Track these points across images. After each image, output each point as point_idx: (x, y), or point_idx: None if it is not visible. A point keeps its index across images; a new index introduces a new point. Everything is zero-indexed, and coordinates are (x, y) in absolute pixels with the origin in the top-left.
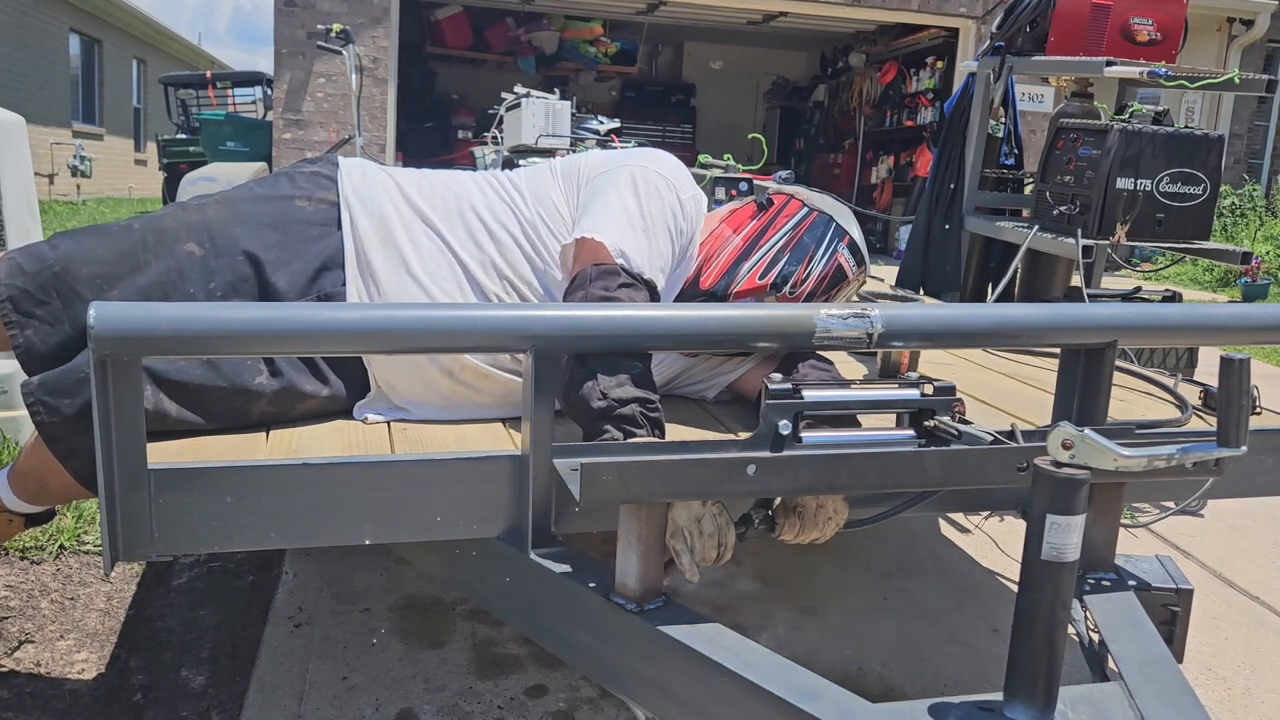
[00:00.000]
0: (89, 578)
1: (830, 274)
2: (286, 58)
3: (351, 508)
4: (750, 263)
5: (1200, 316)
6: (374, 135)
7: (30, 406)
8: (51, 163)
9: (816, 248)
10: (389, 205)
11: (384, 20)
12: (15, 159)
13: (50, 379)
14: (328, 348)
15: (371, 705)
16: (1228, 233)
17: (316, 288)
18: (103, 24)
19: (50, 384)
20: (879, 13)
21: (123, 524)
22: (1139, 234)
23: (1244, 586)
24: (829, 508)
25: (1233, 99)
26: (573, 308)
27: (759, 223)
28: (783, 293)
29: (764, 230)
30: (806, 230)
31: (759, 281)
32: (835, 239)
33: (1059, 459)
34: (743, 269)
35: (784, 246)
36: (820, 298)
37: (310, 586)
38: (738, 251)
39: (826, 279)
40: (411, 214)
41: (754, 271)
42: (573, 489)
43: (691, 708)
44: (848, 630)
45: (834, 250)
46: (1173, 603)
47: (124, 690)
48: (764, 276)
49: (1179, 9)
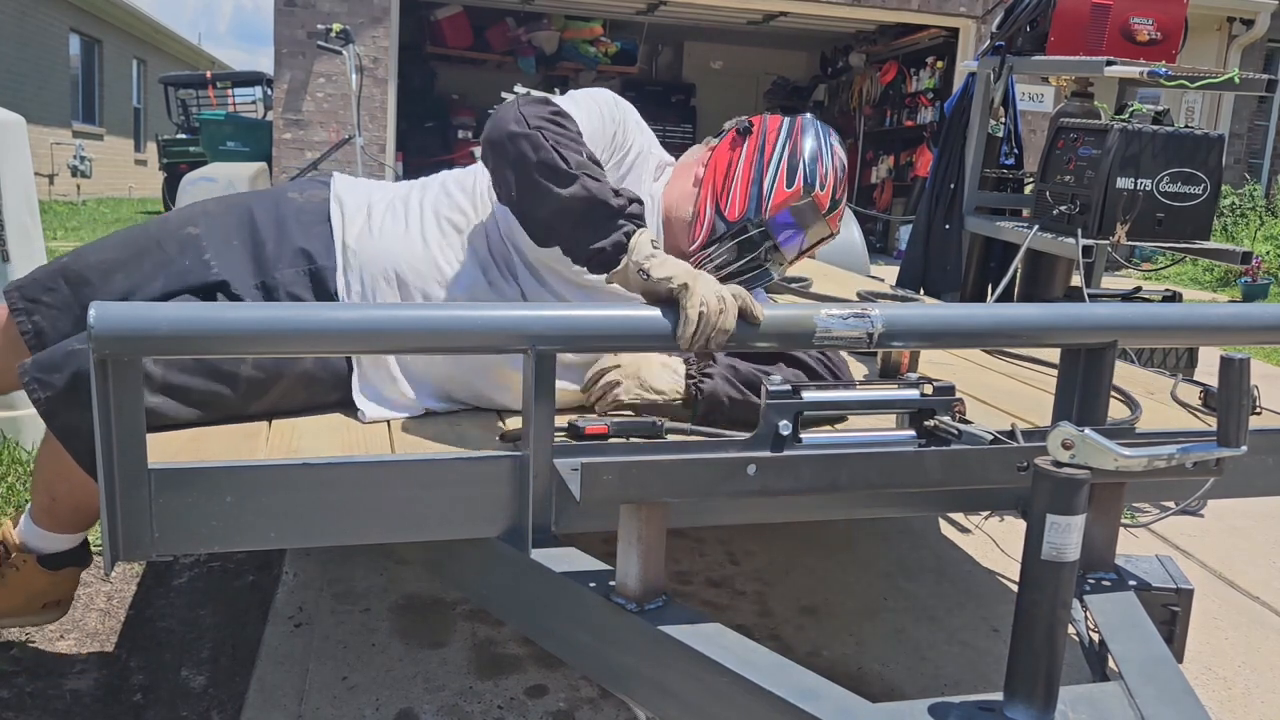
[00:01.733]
0: (89, 577)
1: (841, 163)
2: (286, 58)
3: (351, 508)
4: (770, 177)
5: (1200, 316)
6: (374, 135)
7: (26, 386)
8: (51, 163)
9: (819, 144)
10: (376, 192)
11: (384, 20)
12: (15, 159)
13: (42, 356)
14: (328, 347)
15: (371, 705)
16: (1228, 233)
17: (304, 243)
18: (103, 24)
19: (42, 361)
20: (879, 13)
21: (123, 524)
22: (1139, 234)
23: (1244, 586)
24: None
25: (1233, 99)
26: (573, 308)
27: (752, 143)
28: (815, 191)
29: (761, 147)
30: (801, 133)
31: (789, 189)
32: (825, 132)
33: (1059, 459)
34: (765, 185)
35: (793, 152)
36: (841, 193)
37: (310, 586)
38: (749, 173)
39: (841, 169)
40: (393, 194)
41: (779, 183)
42: (573, 489)
43: (691, 708)
44: (848, 630)
45: (831, 143)
46: (1173, 603)
47: (124, 690)
48: (791, 184)
49: (1179, 9)
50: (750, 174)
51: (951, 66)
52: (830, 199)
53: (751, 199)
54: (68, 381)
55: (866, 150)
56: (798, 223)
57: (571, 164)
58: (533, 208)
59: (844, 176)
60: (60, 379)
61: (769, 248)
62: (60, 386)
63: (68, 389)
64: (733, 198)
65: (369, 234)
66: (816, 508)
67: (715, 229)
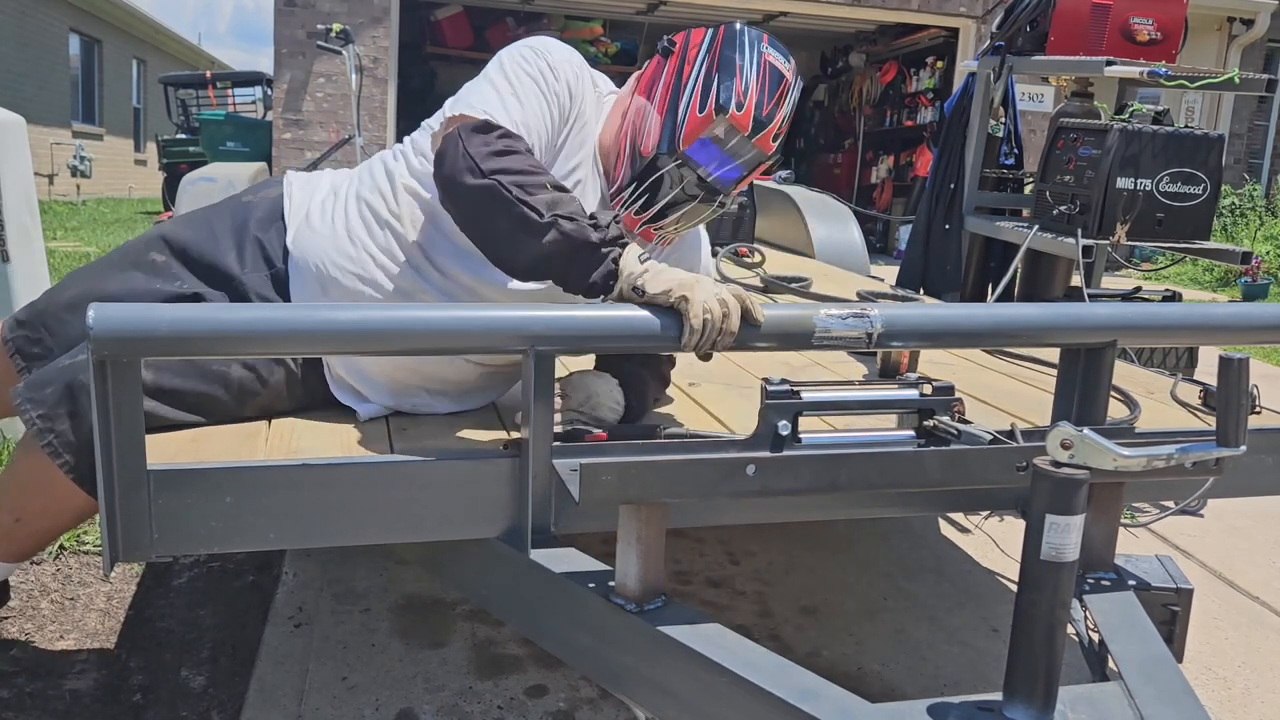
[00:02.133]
0: (89, 578)
1: (766, 77)
2: (286, 58)
3: (351, 508)
4: (684, 102)
5: (1200, 316)
6: (374, 135)
7: (18, 409)
8: (51, 163)
9: (740, 57)
10: (323, 186)
11: (384, 20)
12: (15, 159)
13: (32, 377)
14: (327, 348)
15: (371, 705)
16: (1228, 233)
17: (264, 245)
18: (103, 24)
19: (32, 381)
20: (879, 13)
21: (122, 525)
22: (1139, 234)
23: (1244, 586)
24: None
25: (1233, 99)
26: (573, 308)
27: (670, 66)
28: (730, 113)
29: (679, 69)
30: (722, 45)
31: (701, 115)
32: (755, 40)
33: (1058, 459)
34: (680, 113)
35: (708, 70)
36: (770, 108)
37: (310, 586)
38: (664, 100)
39: (765, 84)
40: (329, 187)
41: (691, 107)
42: (572, 489)
43: (691, 708)
44: (848, 630)
45: (758, 51)
46: (1173, 603)
47: (124, 690)
48: (704, 109)
49: (1179, 9)
50: (667, 101)
51: (951, 66)
52: (752, 119)
53: (665, 130)
54: (60, 393)
55: (866, 150)
56: (723, 150)
57: (542, 211)
58: (512, 260)
59: (779, 88)
60: (51, 392)
61: (696, 180)
62: (50, 401)
63: (57, 401)
64: (649, 131)
65: (306, 232)
66: (816, 508)
67: (634, 167)
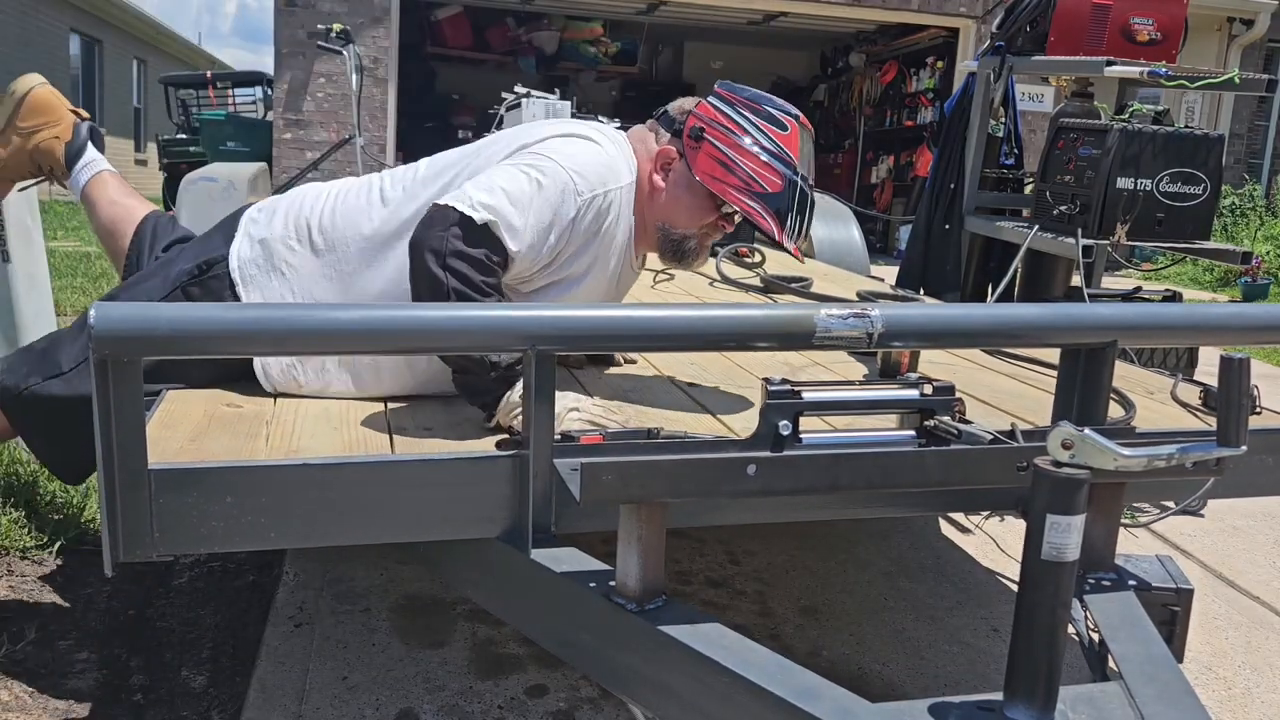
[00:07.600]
0: (89, 578)
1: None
2: (287, 58)
3: (351, 508)
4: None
5: (1200, 316)
6: (374, 135)
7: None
8: None
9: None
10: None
11: (384, 20)
12: None
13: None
14: (327, 347)
15: (371, 705)
16: (1228, 233)
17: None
18: (103, 24)
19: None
20: (879, 13)
21: (123, 524)
22: (1139, 234)
23: (1244, 586)
24: None
25: (1233, 99)
26: (573, 308)
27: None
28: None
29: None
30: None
31: (783, 237)
32: (766, 103)
33: (1059, 459)
34: (769, 222)
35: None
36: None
37: (310, 586)
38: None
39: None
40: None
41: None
42: (573, 489)
43: (691, 708)
44: (848, 630)
45: (778, 109)
46: (1173, 603)
47: (124, 690)
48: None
49: (1179, 9)
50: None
51: (951, 66)
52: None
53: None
54: (17, 357)
55: (866, 150)
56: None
57: None
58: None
59: (783, 139)
60: (14, 358)
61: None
62: (8, 384)
63: (16, 363)
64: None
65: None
66: (817, 508)
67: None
